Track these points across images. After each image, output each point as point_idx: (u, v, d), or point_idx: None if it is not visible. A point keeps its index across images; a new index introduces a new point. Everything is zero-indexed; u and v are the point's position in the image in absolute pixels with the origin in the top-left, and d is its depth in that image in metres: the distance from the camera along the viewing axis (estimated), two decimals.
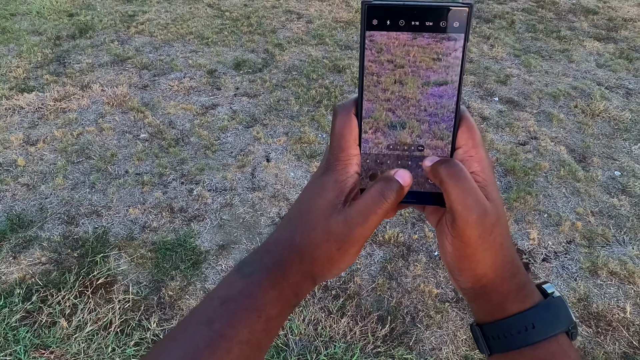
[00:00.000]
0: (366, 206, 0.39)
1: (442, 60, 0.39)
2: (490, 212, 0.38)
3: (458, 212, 0.38)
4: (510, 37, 4.99)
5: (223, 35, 4.78)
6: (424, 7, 0.38)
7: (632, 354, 2.10)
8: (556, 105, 3.85)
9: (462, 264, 0.40)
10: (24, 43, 4.48)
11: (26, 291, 2.24)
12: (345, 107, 0.41)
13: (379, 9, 0.38)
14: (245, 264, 0.41)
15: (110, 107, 3.59)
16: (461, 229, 0.38)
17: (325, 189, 0.40)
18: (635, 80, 4.27)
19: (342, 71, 4.19)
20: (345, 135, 0.40)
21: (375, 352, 2.07)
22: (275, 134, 3.38)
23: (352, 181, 0.41)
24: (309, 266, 0.40)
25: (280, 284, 0.40)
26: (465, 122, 0.40)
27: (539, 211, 2.81)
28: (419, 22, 0.38)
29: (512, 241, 0.41)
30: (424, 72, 0.39)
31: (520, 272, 0.41)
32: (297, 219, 0.42)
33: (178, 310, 2.21)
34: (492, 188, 0.40)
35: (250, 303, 0.39)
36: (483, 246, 0.39)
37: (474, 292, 0.42)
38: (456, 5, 0.38)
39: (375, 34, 0.39)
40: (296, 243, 0.40)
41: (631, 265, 2.47)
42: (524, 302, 0.40)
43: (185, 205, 2.77)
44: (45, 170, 3.00)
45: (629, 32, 5.25)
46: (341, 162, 0.40)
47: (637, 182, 3.07)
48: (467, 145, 0.40)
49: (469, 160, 0.40)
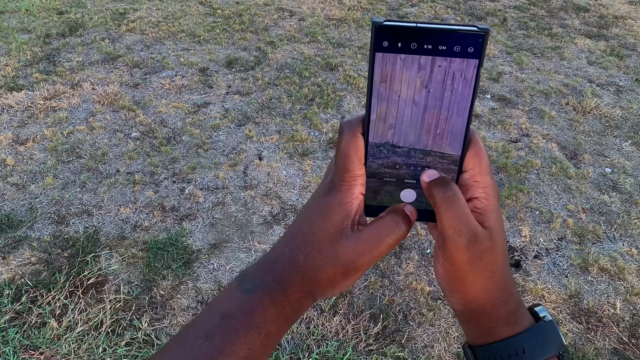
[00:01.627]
0: (377, 237, 0.40)
1: (453, 84, 0.37)
2: (481, 239, 0.38)
3: (449, 236, 0.39)
4: (502, 35, 5.00)
5: (215, 33, 4.76)
6: (438, 31, 0.36)
7: (622, 349, 2.11)
8: (548, 103, 3.86)
9: (452, 286, 0.41)
10: (12, 41, 4.43)
11: (15, 292, 2.22)
12: (352, 126, 0.40)
13: (390, 30, 0.36)
14: (246, 279, 0.41)
15: (101, 106, 3.57)
16: (451, 252, 0.39)
17: (331, 211, 0.40)
18: (626, 78, 4.30)
19: (334, 69, 4.18)
20: (350, 155, 0.40)
21: (368, 350, 2.07)
22: (268, 132, 3.37)
23: (357, 203, 0.41)
24: (311, 286, 0.41)
25: (281, 302, 0.40)
26: (474, 146, 0.40)
27: (530, 208, 2.82)
28: (432, 46, 0.36)
29: (507, 269, 0.41)
30: (434, 95, 0.38)
31: (513, 300, 0.41)
32: (300, 238, 0.41)
33: (170, 310, 2.20)
34: (492, 215, 0.40)
35: (251, 320, 0.39)
36: (473, 271, 0.39)
37: (464, 314, 0.43)
38: (472, 30, 0.36)
39: (386, 56, 0.37)
40: (299, 263, 0.40)
41: (621, 262, 2.49)
42: (515, 327, 0.41)
43: (177, 204, 2.75)
44: (35, 169, 2.97)
45: (620, 29, 5.28)
46: (346, 183, 0.40)
47: (628, 178, 3.09)
48: (474, 170, 0.40)
49: (473, 186, 0.40)
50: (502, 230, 0.40)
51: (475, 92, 0.38)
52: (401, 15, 5.34)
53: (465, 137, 0.39)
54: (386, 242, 0.40)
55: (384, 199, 0.42)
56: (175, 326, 2.13)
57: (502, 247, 0.40)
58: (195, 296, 2.26)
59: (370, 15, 5.23)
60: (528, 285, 2.36)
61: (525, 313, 0.42)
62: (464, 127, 0.39)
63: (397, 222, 0.40)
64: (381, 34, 0.36)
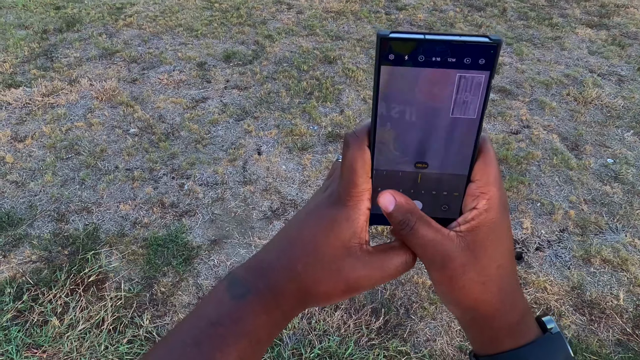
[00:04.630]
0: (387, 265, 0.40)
1: (463, 97, 0.35)
2: (454, 258, 0.38)
3: (422, 260, 0.39)
4: (502, 25, 4.96)
5: (212, 27, 4.72)
6: (447, 42, 0.33)
7: (626, 340, 2.11)
8: (548, 94, 3.84)
9: (445, 297, 0.41)
10: (10, 37, 4.40)
11: (17, 290, 2.22)
12: (358, 139, 0.39)
13: (396, 43, 0.34)
14: (235, 282, 0.40)
15: (99, 102, 3.55)
16: (431, 275, 0.40)
17: (338, 226, 0.39)
18: (628, 67, 4.26)
19: (333, 62, 4.15)
20: (358, 169, 0.39)
21: (370, 345, 2.07)
22: (266, 127, 3.35)
23: (364, 219, 0.40)
24: (305, 295, 0.40)
25: (272, 310, 0.39)
26: (484, 155, 0.39)
27: (532, 200, 2.81)
28: (441, 58, 0.34)
29: (507, 280, 0.40)
30: (442, 108, 0.36)
31: (516, 311, 0.41)
32: (300, 248, 0.40)
33: (171, 307, 2.20)
34: (486, 228, 0.39)
35: (241, 328, 0.38)
36: (458, 284, 0.39)
37: (464, 322, 0.43)
38: (483, 42, 0.34)
39: (392, 69, 0.35)
40: (297, 273, 0.39)
41: (624, 253, 2.48)
42: (520, 338, 0.40)
43: (176, 200, 2.74)
44: (34, 167, 2.96)
45: (621, 18, 5.24)
46: (353, 198, 0.39)
47: (630, 169, 3.07)
48: (481, 180, 0.39)
49: (479, 196, 0.39)
50: (497, 242, 0.39)
51: (485, 105, 0.36)
52: (400, 7, 5.30)
53: (475, 149, 0.38)
54: (395, 270, 0.40)
55: None
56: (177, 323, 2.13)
57: (494, 260, 0.39)
58: (196, 293, 2.26)
59: (374, 28, 5.19)
60: (530, 278, 2.35)
61: (532, 324, 0.41)
62: (473, 140, 0.38)
63: (408, 254, 0.40)
64: (387, 47, 0.34)
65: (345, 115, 3.45)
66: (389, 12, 5.21)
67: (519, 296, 0.41)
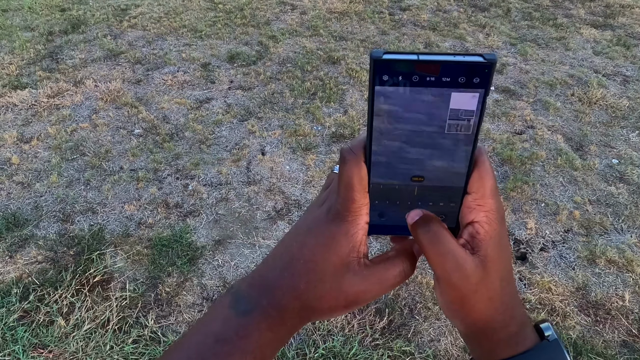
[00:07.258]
0: (385, 278, 0.40)
1: (458, 115, 0.36)
2: (471, 273, 0.38)
3: (438, 275, 0.39)
4: (506, 26, 4.95)
5: (216, 28, 4.74)
6: (441, 62, 0.33)
7: (632, 341, 2.10)
8: (553, 94, 3.83)
9: (451, 312, 0.41)
10: (16, 39, 4.43)
11: (23, 290, 2.23)
12: (354, 154, 0.39)
13: (390, 63, 0.34)
14: (240, 299, 0.41)
15: (104, 103, 3.56)
16: (443, 288, 0.39)
17: (337, 242, 0.40)
18: (633, 68, 4.25)
19: (336, 62, 4.16)
20: (355, 185, 0.39)
21: (374, 345, 2.07)
22: (270, 127, 3.36)
23: (362, 233, 0.40)
24: (308, 312, 0.41)
25: (277, 327, 0.40)
26: (479, 168, 0.39)
27: (536, 200, 2.80)
28: (435, 78, 0.34)
29: (509, 292, 0.40)
30: (437, 125, 0.36)
31: (515, 322, 0.41)
32: (302, 265, 0.41)
33: (175, 307, 2.21)
34: (489, 242, 0.39)
35: (246, 345, 0.39)
36: (468, 303, 0.39)
37: (466, 335, 0.43)
38: (477, 61, 0.34)
39: (386, 90, 0.35)
40: (300, 291, 0.40)
41: (629, 254, 2.47)
42: (517, 347, 0.40)
43: (181, 201, 2.75)
44: (39, 168, 2.97)
45: (627, 18, 5.22)
46: (351, 214, 0.40)
47: (635, 169, 3.06)
48: (478, 193, 0.39)
49: (476, 209, 0.39)
50: (500, 255, 0.39)
51: (480, 122, 0.36)
52: (403, 8, 5.30)
53: (470, 163, 0.38)
54: (393, 282, 0.41)
55: (387, 219, 0.42)
56: (181, 323, 2.14)
57: (499, 273, 0.39)
58: (201, 293, 2.26)
59: (370, 49, 5.20)
60: (534, 278, 2.35)
61: (530, 332, 0.41)
62: (469, 155, 0.38)
63: (404, 263, 0.41)
64: (381, 68, 0.34)
65: (349, 116, 3.45)
66: (392, 12, 5.22)
67: (518, 307, 0.41)
